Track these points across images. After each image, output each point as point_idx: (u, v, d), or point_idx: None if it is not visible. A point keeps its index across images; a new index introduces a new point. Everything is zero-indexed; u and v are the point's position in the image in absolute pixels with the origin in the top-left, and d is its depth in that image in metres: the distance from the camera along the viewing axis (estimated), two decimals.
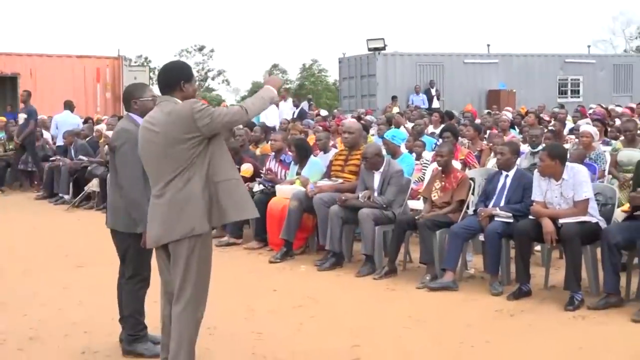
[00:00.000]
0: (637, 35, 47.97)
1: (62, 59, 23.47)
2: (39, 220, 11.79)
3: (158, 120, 4.32)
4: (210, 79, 49.89)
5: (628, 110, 17.25)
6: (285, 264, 8.21)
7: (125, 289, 5.18)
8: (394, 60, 25.17)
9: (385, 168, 7.92)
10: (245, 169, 9.51)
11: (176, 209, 4.22)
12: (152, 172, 4.39)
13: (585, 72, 28.14)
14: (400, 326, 5.92)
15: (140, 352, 5.11)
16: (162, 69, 4.71)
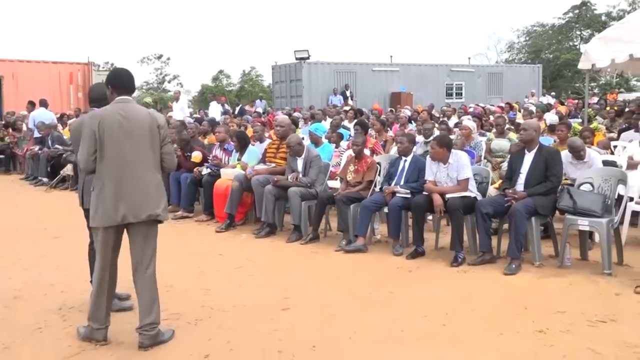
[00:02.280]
0: (506, 50, 49.18)
1: (40, 64, 22.57)
2: (22, 199, 11.35)
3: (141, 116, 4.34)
4: (167, 82, 48.80)
5: (499, 108, 17.70)
6: (229, 233, 8.13)
7: (92, 255, 5.01)
8: (316, 67, 25.12)
9: (306, 154, 7.94)
10: (195, 156, 9.39)
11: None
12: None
13: (466, 79, 28.71)
14: (321, 282, 5.94)
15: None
16: (127, 72, 4.51)
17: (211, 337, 4.50)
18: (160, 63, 48.57)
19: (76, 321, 4.77)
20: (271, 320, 4.84)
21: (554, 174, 6.29)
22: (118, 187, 4.22)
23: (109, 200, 4.22)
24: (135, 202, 4.24)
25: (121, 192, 4.22)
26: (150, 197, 4.31)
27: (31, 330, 4.67)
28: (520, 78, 30.08)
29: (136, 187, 4.26)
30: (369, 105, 21.23)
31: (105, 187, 4.23)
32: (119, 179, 4.22)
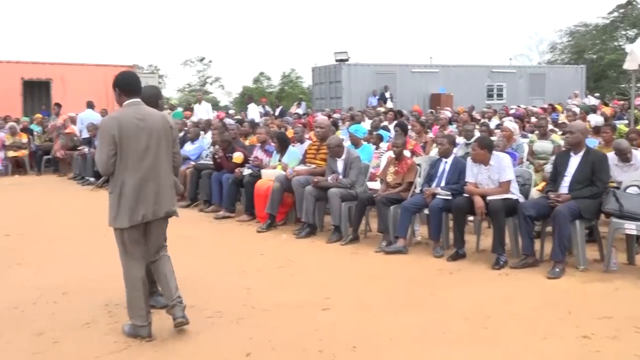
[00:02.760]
0: (548, 51, 48.25)
1: (86, 67, 23.12)
2: (70, 198, 11.64)
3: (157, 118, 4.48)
4: (209, 84, 49.44)
5: (541, 110, 17.40)
6: (269, 233, 8.19)
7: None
8: (355, 69, 25.11)
9: (346, 155, 7.94)
10: (236, 157, 9.48)
11: None
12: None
13: (507, 80, 28.31)
14: (361, 282, 5.93)
15: (152, 305, 5.06)
16: (135, 76, 4.59)
17: (252, 336, 4.54)
18: (202, 65, 49.27)
19: (122, 317, 4.86)
20: (312, 320, 4.86)
21: (600, 178, 6.14)
22: (138, 188, 4.32)
23: (130, 201, 4.31)
24: (154, 201, 4.39)
25: (141, 192, 4.33)
26: (167, 196, 4.49)
27: (79, 326, 4.78)
28: (563, 79, 29.49)
29: (155, 187, 4.39)
30: (408, 106, 21.11)
31: (126, 188, 4.31)
32: (139, 180, 4.32)
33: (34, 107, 21.68)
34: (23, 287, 5.80)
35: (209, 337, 4.55)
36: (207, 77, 49.51)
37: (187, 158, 10.80)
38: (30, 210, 10.25)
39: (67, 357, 4.21)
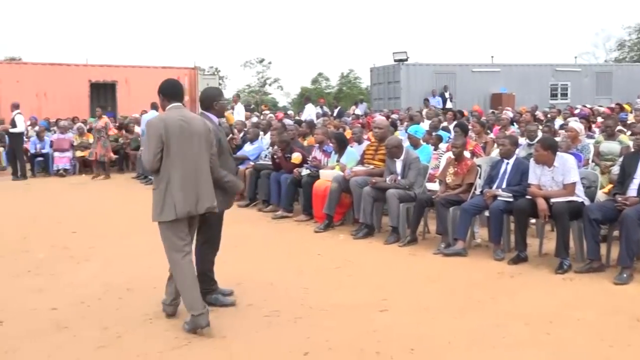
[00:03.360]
0: (615, 48, 46.59)
1: (150, 69, 23.76)
2: (133, 196, 11.98)
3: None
4: (268, 85, 50.02)
5: (608, 110, 16.81)
6: (327, 233, 8.21)
7: (199, 252, 5.22)
8: (414, 69, 24.91)
9: (405, 156, 7.88)
10: (295, 157, 9.55)
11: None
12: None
13: (572, 79, 27.50)
14: (420, 284, 5.88)
15: (212, 303, 5.15)
16: (177, 83, 4.96)
17: (310, 336, 4.56)
18: (261, 67, 49.90)
19: (183, 313, 4.97)
20: (369, 321, 4.84)
21: None
22: (182, 184, 4.55)
23: (174, 196, 4.54)
24: (197, 197, 4.62)
25: (185, 189, 4.56)
26: (208, 192, 4.70)
27: (142, 321, 4.91)
28: (632, 77, 28.38)
29: (197, 184, 4.62)
30: (468, 107, 20.78)
31: (171, 184, 4.55)
32: (183, 177, 4.56)
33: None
34: (90, 283, 6.00)
35: (267, 335, 4.59)
36: (266, 78, 50.12)
37: (247, 158, 10.96)
38: (96, 208, 10.61)
39: (130, 352, 4.33)
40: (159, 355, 4.24)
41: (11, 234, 8.28)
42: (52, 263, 6.76)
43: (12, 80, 21.67)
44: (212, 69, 46.21)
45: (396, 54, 24.86)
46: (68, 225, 8.93)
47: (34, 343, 4.46)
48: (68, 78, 22.28)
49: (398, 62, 24.64)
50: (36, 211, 10.24)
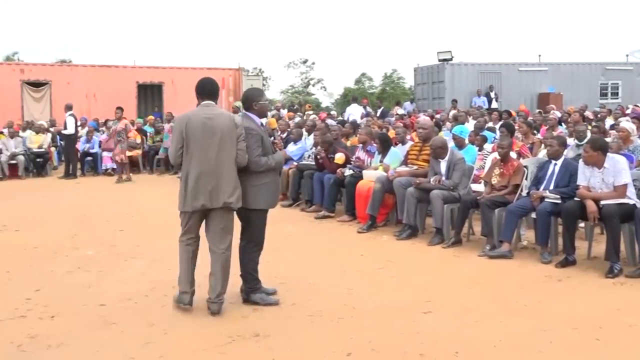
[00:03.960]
0: None
1: (195, 70, 24.08)
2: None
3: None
4: (312, 85, 50.15)
5: None
6: (370, 234, 8.18)
7: (243, 252, 5.27)
8: (459, 69, 24.61)
9: (449, 157, 7.80)
10: (338, 157, 9.56)
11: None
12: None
13: (623, 77, 26.70)
14: (464, 286, 5.81)
15: (256, 301, 5.21)
16: (209, 82, 5.11)
17: (353, 336, 4.55)
18: (305, 67, 50.02)
19: (227, 311, 5.04)
20: (412, 323, 4.81)
21: None
22: (199, 178, 4.84)
23: (191, 190, 4.87)
24: (212, 192, 4.86)
25: (201, 183, 4.85)
26: (226, 188, 4.89)
27: (187, 318, 4.99)
28: None
29: (214, 179, 4.86)
30: (514, 106, 20.43)
31: (189, 178, 4.88)
32: (200, 172, 4.84)
33: (147, 109, 22.90)
34: (137, 279, 6.13)
35: (310, 335, 4.61)
36: (310, 78, 50.23)
37: (290, 158, 11.01)
38: (142, 207, 10.81)
39: (176, 348, 4.40)
40: (204, 353, 4.30)
41: (62, 232, 8.51)
42: (101, 260, 6.92)
43: (63, 82, 22.29)
44: (256, 69, 46.59)
45: (441, 54, 24.62)
46: (115, 223, 9.13)
47: (84, 338, 4.58)
48: (116, 79, 22.78)
49: (442, 61, 24.39)
50: (85, 209, 10.50)
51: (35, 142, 16.23)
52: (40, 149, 16.22)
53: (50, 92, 22.20)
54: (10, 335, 4.59)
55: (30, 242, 7.81)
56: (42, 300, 5.41)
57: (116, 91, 22.38)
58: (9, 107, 20.95)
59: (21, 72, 22.40)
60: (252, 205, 5.11)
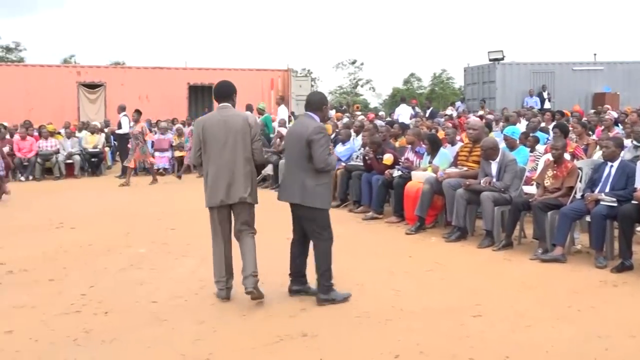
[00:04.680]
0: None
1: (245, 71, 24.41)
2: None
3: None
4: (360, 86, 50.11)
5: None
6: (418, 235, 8.12)
7: (321, 249, 5.30)
8: (510, 68, 24.16)
9: (500, 158, 7.67)
10: (387, 158, 9.52)
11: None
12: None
13: None
14: (515, 290, 5.70)
15: (334, 298, 5.28)
16: (225, 85, 5.51)
17: (400, 338, 4.53)
18: (354, 68, 50.05)
19: (275, 310, 5.08)
20: (461, 326, 4.75)
21: None
22: (216, 176, 5.23)
23: (210, 187, 5.27)
24: (227, 189, 5.22)
25: (218, 180, 5.23)
26: (239, 184, 5.24)
27: (236, 316, 5.05)
28: None
29: (229, 176, 5.22)
30: (568, 107, 19.92)
31: (208, 176, 5.28)
32: (217, 170, 5.23)
33: (197, 110, 23.28)
34: (187, 278, 6.24)
35: (357, 336, 4.60)
36: (358, 79, 50.22)
37: (338, 159, 11.01)
38: (193, 206, 10.95)
39: (225, 346, 4.46)
40: (252, 351, 4.35)
41: (116, 230, 8.73)
42: (153, 258, 7.07)
43: (117, 83, 22.89)
44: (305, 70, 46.87)
45: (491, 53, 24.21)
46: (167, 222, 9.31)
47: (136, 334, 4.69)
48: (168, 81, 23.27)
49: (493, 61, 23.99)
50: (138, 208, 10.75)
51: (90, 142, 16.74)
52: (95, 149, 16.70)
53: (104, 94, 22.84)
54: (67, 330, 4.74)
55: (86, 239, 8.04)
56: (96, 297, 5.57)
57: (168, 92, 22.88)
58: (66, 108, 21.68)
59: (77, 75, 23.13)
60: (321, 205, 5.27)
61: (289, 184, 5.38)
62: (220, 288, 5.43)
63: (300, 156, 5.23)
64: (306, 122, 5.33)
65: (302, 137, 5.21)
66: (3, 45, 44.79)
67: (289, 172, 5.42)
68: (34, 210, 10.72)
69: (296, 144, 5.28)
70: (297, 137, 5.29)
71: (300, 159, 5.24)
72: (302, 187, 5.21)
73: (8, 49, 44.84)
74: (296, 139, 5.30)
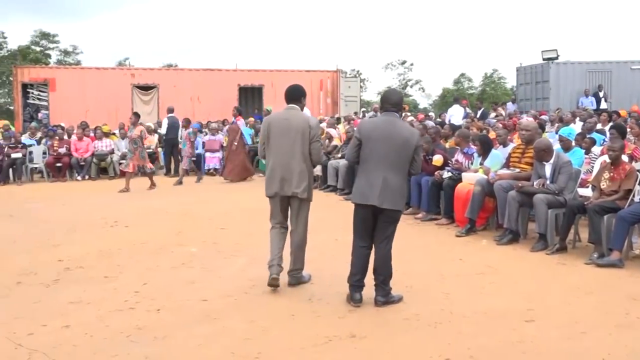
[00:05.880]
0: None
1: (294, 72, 24.53)
2: None
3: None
4: (409, 87, 49.76)
5: None
6: (469, 238, 8.01)
7: (385, 253, 5.30)
8: (565, 68, 23.58)
9: (555, 159, 7.49)
10: (436, 159, 9.43)
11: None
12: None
13: None
14: (570, 295, 5.55)
15: (394, 299, 5.31)
16: (293, 88, 6.02)
17: (451, 342, 4.47)
18: (403, 68, 49.76)
19: (324, 311, 5.09)
20: (513, 331, 4.66)
21: None
22: (273, 169, 5.70)
23: (268, 178, 5.77)
24: (282, 181, 5.65)
25: (275, 172, 5.68)
26: (293, 179, 5.62)
27: (286, 316, 5.08)
28: None
29: (284, 171, 5.64)
30: (625, 107, 19.32)
31: (267, 168, 5.79)
32: (275, 163, 5.70)
33: (247, 111, 23.55)
34: (237, 277, 6.31)
35: (407, 339, 4.57)
36: (408, 79, 49.89)
37: None
38: (244, 206, 11.11)
39: (274, 345, 4.49)
40: (301, 351, 4.36)
41: (168, 229, 8.91)
42: (203, 257, 7.18)
43: (170, 85, 23.36)
44: (354, 71, 46.84)
45: (545, 52, 23.68)
46: (217, 221, 9.44)
47: (187, 331, 4.76)
48: (219, 82, 23.61)
49: (547, 60, 23.47)
50: (189, 208, 10.93)
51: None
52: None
53: (157, 95, 23.33)
54: (121, 326, 4.85)
55: (139, 237, 8.23)
56: (149, 294, 5.69)
57: (218, 94, 23.22)
58: (120, 109, 22.25)
59: (132, 77, 23.70)
60: (402, 206, 5.38)
61: (380, 187, 5.12)
62: (270, 263, 5.72)
63: (399, 159, 5.16)
64: (403, 125, 5.40)
65: (406, 141, 5.16)
66: (62, 49, 46.29)
67: (375, 174, 5.15)
68: (89, 209, 11.03)
69: (395, 146, 5.13)
70: (400, 140, 5.15)
71: (398, 161, 5.16)
72: (393, 191, 5.15)
73: (66, 53, 46.32)
74: (398, 142, 5.15)
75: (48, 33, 45.18)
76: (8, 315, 5.15)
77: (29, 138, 17.08)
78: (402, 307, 5.21)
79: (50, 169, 16.05)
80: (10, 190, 14.36)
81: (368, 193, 5.17)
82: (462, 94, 40.11)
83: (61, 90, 22.58)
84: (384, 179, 5.13)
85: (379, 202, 5.13)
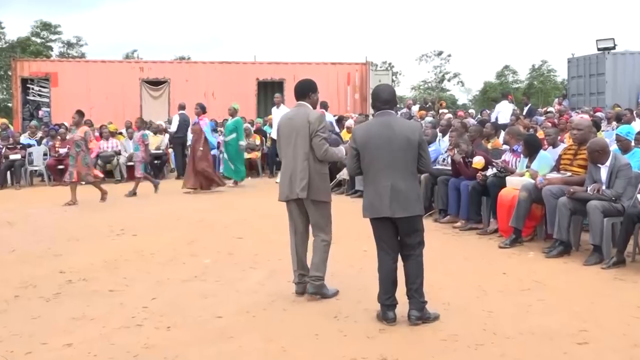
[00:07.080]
0: None
1: (319, 65, 24.60)
2: None
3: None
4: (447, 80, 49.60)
5: None
6: (513, 249, 7.96)
7: (418, 261, 5.31)
8: (623, 58, 23.35)
9: (612, 162, 7.40)
10: (477, 162, 9.40)
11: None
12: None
13: None
14: (629, 315, 5.47)
15: (429, 317, 5.28)
16: (302, 84, 6.07)
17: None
18: (440, 60, 49.61)
19: (352, 330, 5.09)
20: (564, 355, 4.61)
21: None
22: (283, 173, 6.03)
23: (280, 182, 6.08)
24: (289, 184, 5.90)
25: (284, 176, 5.96)
26: (297, 180, 5.83)
27: (308, 336, 5.08)
28: None
29: (290, 172, 5.91)
30: None
31: (280, 172, 6.17)
32: (284, 166, 6.00)
33: (267, 107, 23.68)
34: (255, 291, 6.34)
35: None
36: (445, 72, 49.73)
37: None
38: (262, 212, 11.14)
39: None
40: None
41: (179, 238, 8.99)
42: (218, 269, 7.23)
43: (182, 79, 23.57)
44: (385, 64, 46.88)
45: (600, 42, 23.46)
46: (234, 230, 9.51)
47: (200, 350, 4.80)
48: (235, 76, 23.74)
49: (603, 50, 23.23)
50: (203, 215, 11.01)
51: (152, 144, 17.25)
52: (158, 150, 17.18)
53: (168, 91, 23.53)
54: (127, 345, 4.91)
55: (147, 247, 8.32)
56: (158, 309, 5.75)
57: (235, 89, 23.32)
58: (128, 106, 22.50)
59: (140, 71, 23.97)
60: (420, 210, 5.34)
61: (389, 197, 5.12)
62: (294, 269, 6.06)
63: (404, 161, 5.15)
64: (401, 122, 5.44)
65: (408, 140, 5.16)
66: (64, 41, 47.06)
67: (381, 183, 5.16)
68: (93, 216, 11.19)
69: (397, 149, 5.13)
70: (402, 141, 5.15)
71: (403, 164, 5.15)
72: (404, 197, 5.15)
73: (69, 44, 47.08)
74: (400, 144, 5.14)
75: (49, 23, 45.99)
76: (5, 332, 5.24)
77: (29, 138, 17.40)
78: (439, 327, 5.18)
79: (51, 172, 16.32)
80: (9, 194, 14.64)
81: (378, 205, 5.19)
82: (507, 88, 39.86)
83: (64, 85, 22.94)
84: (392, 186, 5.13)
85: (391, 213, 5.14)
